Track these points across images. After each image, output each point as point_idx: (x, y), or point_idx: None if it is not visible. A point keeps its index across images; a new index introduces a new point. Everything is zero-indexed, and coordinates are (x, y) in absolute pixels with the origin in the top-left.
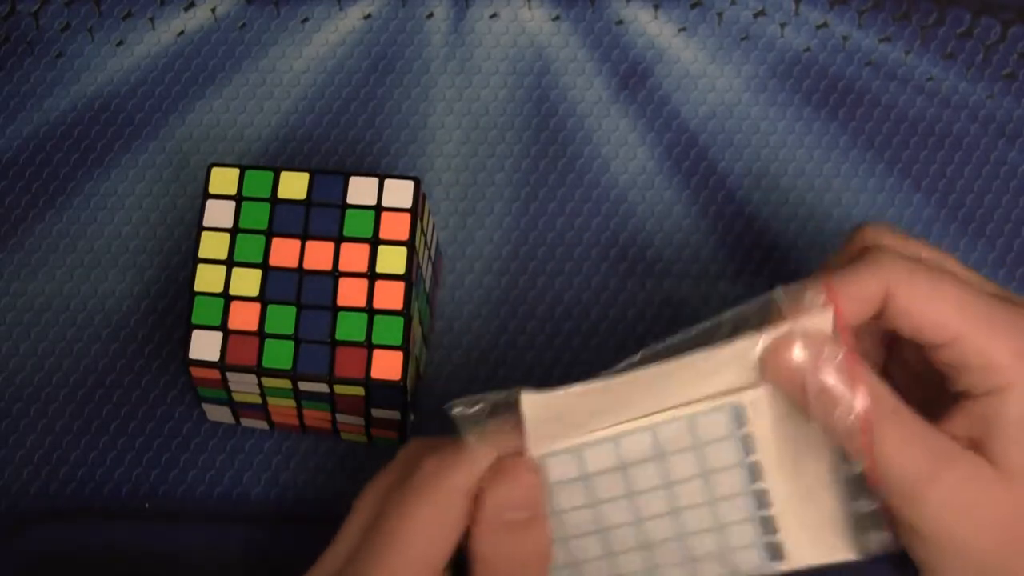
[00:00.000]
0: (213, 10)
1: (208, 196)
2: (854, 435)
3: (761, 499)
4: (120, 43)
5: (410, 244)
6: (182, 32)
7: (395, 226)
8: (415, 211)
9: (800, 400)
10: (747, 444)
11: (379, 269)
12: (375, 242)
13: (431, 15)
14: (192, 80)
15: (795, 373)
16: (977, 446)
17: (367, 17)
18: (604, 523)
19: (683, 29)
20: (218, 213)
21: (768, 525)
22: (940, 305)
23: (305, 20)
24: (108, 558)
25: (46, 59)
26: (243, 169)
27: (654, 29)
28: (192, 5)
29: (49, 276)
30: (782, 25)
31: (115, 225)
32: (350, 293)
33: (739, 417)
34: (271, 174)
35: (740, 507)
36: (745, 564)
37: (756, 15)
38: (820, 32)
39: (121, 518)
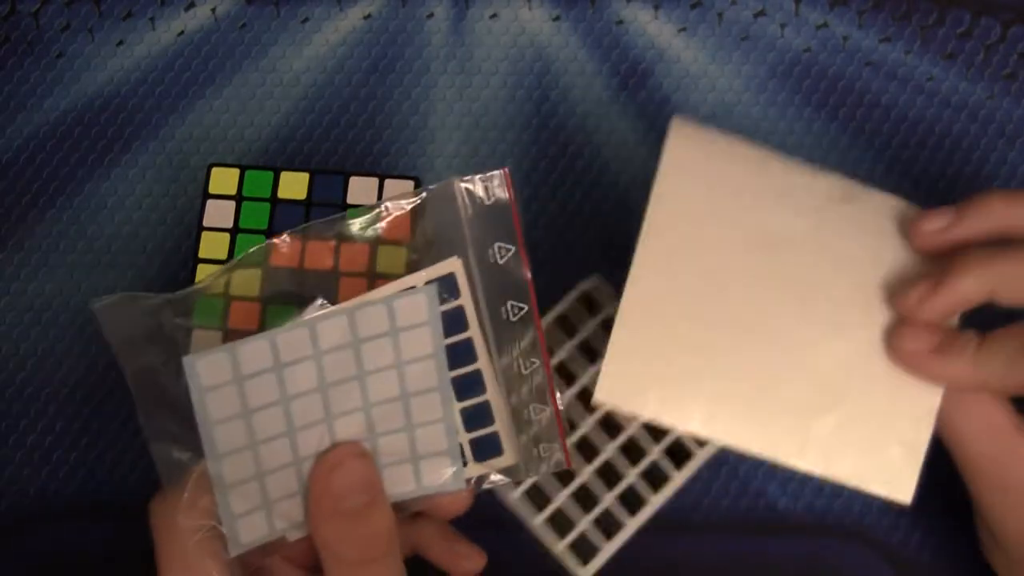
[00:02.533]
0: (213, 10)
1: (208, 196)
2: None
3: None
4: (120, 43)
5: (410, 244)
6: (182, 32)
7: (395, 226)
8: (415, 211)
9: None
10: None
11: (379, 269)
12: (375, 242)
13: (431, 15)
14: (192, 80)
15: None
16: None
17: (367, 17)
18: (294, 423)
19: (683, 29)
20: (218, 213)
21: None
22: None
23: (305, 20)
24: (107, 558)
25: (46, 59)
26: (243, 169)
27: (654, 29)
28: (192, 5)
29: (49, 276)
30: (782, 25)
31: (115, 225)
32: (350, 293)
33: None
34: (271, 174)
35: (431, 406)
36: (434, 476)
37: (756, 15)
38: (820, 32)
39: (120, 518)
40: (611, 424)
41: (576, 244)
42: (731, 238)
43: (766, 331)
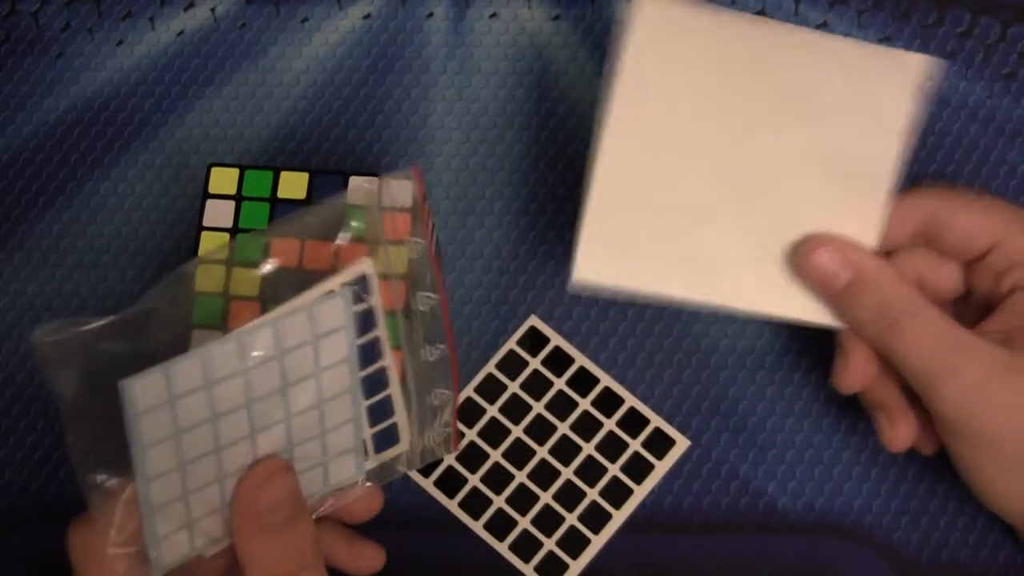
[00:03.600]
0: (213, 10)
1: (208, 196)
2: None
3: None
4: (120, 43)
5: (410, 244)
6: (182, 32)
7: (395, 226)
8: (415, 211)
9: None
10: (363, 324)
11: (379, 269)
12: (375, 242)
13: (431, 15)
14: (192, 80)
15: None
16: (1009, 340)
17: (367, 17)
18: (220, 440)
19: None
20: (218, 213)
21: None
22: (980, 215)
23: (305, 20)
24: None
25: (46, 59)
26: (243, 169)
27: None
28: (192, 5)
29: (49, 276)
30: None
31: (115, 225)
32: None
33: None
34: (271, 174)
35: (343, 409)
36: (340, 473)
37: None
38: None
39: None
40: (565, 448)
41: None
42: (697, 102)
43: (734, 188)
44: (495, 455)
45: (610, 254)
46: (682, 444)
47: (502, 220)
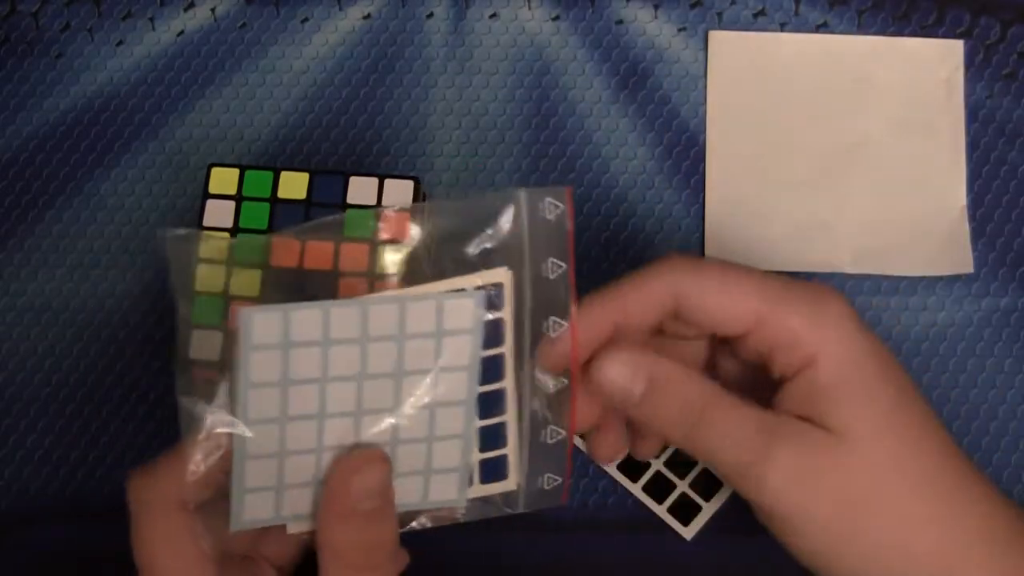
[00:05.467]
0: (213, 10)
1: (208, 196)
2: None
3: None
4: (120, 43)
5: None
6: (182, 32)
7: (395, 226)
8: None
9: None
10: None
11: (379, 269)
12: (375, 242)
13: (431, 15)
14: (192, 80)
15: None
16: (808, 421)
17: (367, 17)
18: (326, 407)
19: (683, 29)
20: (218, 213)
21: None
22: (732, 296)
23: (305, 20)
24: (108, 558)
25: (46, 59)
26: (243, 169)
27: (654, 29)
28: (192, 5)
29: (49, 276)
30: (782, 25)
31: (115, 225)
32: (350, 293)
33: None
34: (271, 174)
35: (454, 420)
36: (441, 492)
37: (756, 15)
38: (820, 32)
39: (121, 518)
40: None
41: (576, 244)
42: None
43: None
44: None
45: (728, 240)
46: None
47: None
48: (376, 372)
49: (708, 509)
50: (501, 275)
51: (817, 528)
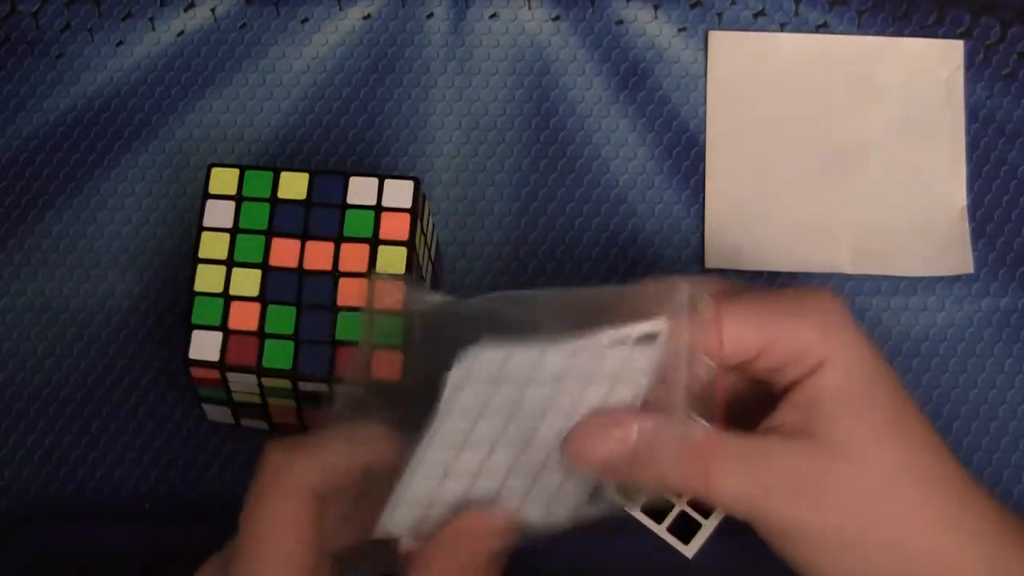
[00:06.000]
0: (213, 10)
1: (208, 196)
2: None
3: None
4: (120, 43)
5: (410, 244)
6: (182, 32)
7: (395, 226)
8: (415, 211)
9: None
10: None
11: (379, 269)
12: (375, 242)
13: (431, 15)
14: (192, 80)
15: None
16: (803, 430)
17: (367, 17)
18: (498, 441)
19: (683, 29)
20: (218, 213)
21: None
22: (737, 327)
23: (305, 20)
24: (108, 558)
25: (46, 59)
26: (243, 169)
27: (654, 29)
28: (192, 5)
29: (49, 276)
30: (782, 25)
31: (115, 225)
32: (350, 293)
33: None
34: (271, 174)
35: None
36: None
37: (756, 15)
38: (820, 32)
39: (121, 518)
40: None
41: (576, 244)
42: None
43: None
44: None
45: (730, 246)
46: None
47: (502, 220)
48: (550, 414)
49: (708, 526)
50: (659, 325)
51: (815, 540)
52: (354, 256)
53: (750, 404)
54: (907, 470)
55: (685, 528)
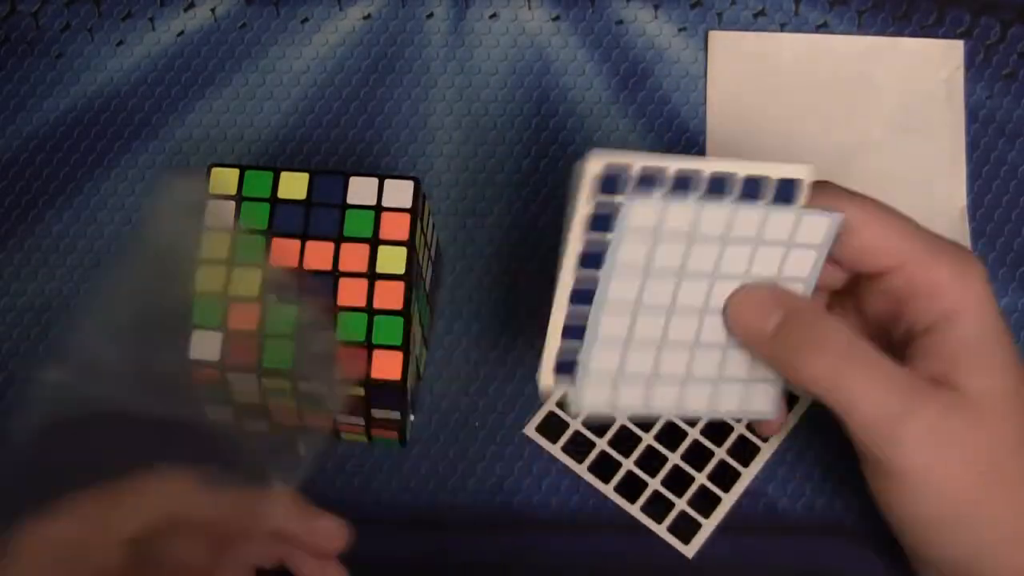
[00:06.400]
0: (213, 10)
1: (208, 196)
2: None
3: None
4: (120, 43)
5: (410, 244)
6: (182, 32)
7: (395, 226)
8: (415, 211)
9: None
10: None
11: (379, 269)
12: (375, 242)
13: (431, 15)
14: (192, 80)
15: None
16: (943, 379)
17: (367, 17)
18: (676, 302)
19: (683, 29)
20: (218, 213)
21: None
22: (886, 230)
23: (305, 20)
24: None
25: (46, 59)
26: (243, 169)
27: (654, 29)
28: (192, 5)
29: (49, 276)
30: (782, 25)
31: (115, 225)
32: (350, 293)
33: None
34: (271, 174)
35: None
36: (724, 405)
37: (756, 15)
38: (820, 32)
39: None
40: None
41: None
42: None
43: None
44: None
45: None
46: None
47: (502, 220)
48: (727, 273)
49: (708, 526)
50: (802, 171)
51: (937, 492)
52: (354, 256)
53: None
54: None
55: (685, 528)
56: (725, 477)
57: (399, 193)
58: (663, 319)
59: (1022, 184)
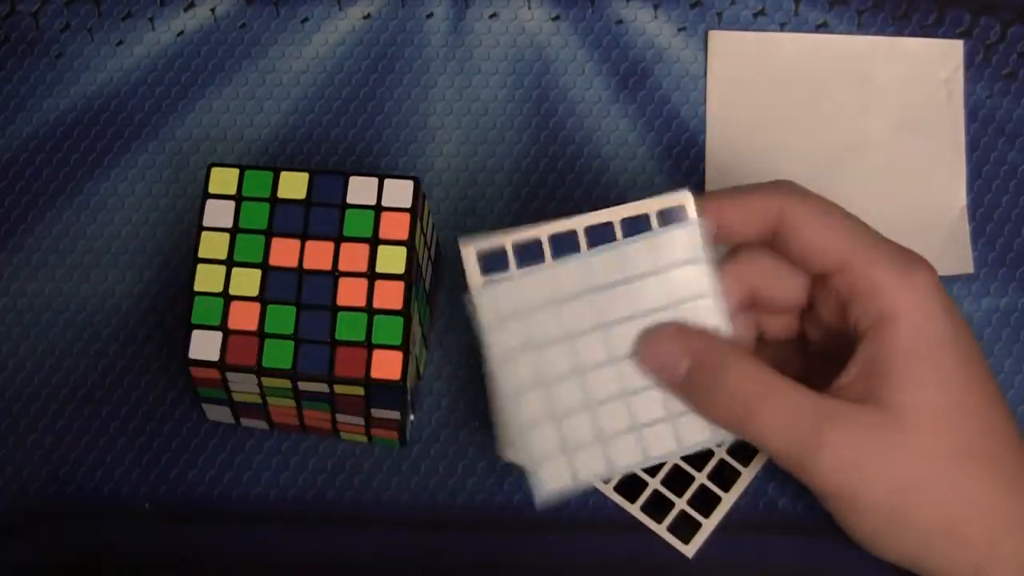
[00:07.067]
0: (213, 10)
1: (208, 196)
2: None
3: None
4: (120, 43)
5: (410, 244)
6: (182, 32)
7: (395, 226)
8: (415, 211)
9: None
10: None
11: (379, 269)
12: (375, 242)
13: (431, 15)
14: (192, 80)
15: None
16: (871, 393)
17: (367, 17)
18: (579, 361)
19: (683, 29)
20: (218, 213)
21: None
22: (829, 230)
23: (305, 20)
24: (108, 558)
25: (46, 59)
26: (243, 169)
27: (654, 29)
28: (192, 5)
29: (49, 276)
30: (782, 24)
31: (115, 225)
32: (350, 293)
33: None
34: (271, 174)
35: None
36: (690, 437)
37: (756, 15)
38: (820, 32)
39: (121, 518)
40: None
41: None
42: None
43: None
44: None
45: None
46: None
47: (502, 220)
48: (619, 317)
49: (708, 525)
50: (681, 198)
51: (869, 510)
52: (354, 256)
53: (833, 352)
54: (969, 453)
55: (685, 528)
56: (725, 477)
57: (399, 193)
58: (576, 382)
59: (1022, 184)
